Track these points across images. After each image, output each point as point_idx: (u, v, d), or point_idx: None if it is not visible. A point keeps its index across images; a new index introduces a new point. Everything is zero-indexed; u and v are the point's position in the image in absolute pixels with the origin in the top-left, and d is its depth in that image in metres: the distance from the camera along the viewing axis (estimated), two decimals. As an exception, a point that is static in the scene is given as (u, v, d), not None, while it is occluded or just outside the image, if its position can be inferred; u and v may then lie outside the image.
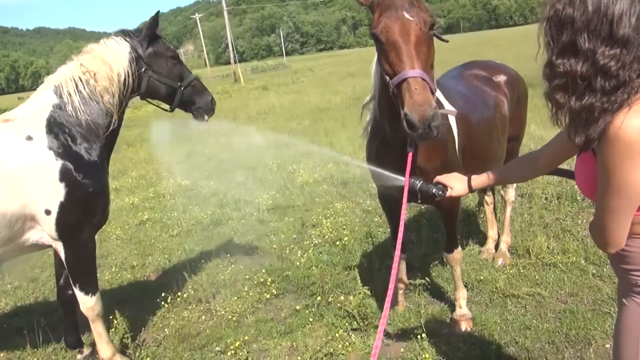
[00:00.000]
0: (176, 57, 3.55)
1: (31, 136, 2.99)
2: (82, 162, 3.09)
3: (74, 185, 3.03)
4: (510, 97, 3.88)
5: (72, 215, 3.06)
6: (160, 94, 3.54)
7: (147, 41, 3.37)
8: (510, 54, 23.88)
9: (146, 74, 3.38)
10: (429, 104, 2.14)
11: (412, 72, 2.19)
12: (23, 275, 5.42)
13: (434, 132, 2.17)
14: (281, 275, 4.58)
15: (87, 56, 3.23)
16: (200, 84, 3.67)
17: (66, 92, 3.11)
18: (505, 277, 4.05)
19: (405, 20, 2.27)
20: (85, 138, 3.15)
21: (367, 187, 6.93)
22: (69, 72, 3.17)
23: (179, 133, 10.99)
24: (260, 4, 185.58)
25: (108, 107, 3.21)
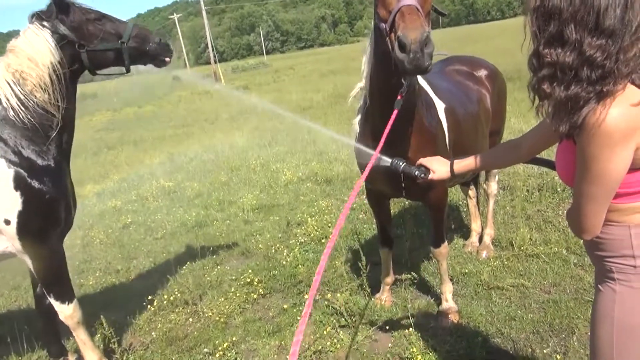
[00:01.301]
0: (101, 16, 3.21)
1: None
2: (36, 167, 2.97)
3: (30, 193, 2.92)
4: (492, 91, 3.94)
5: (33, 223, 2.95)
6: (107, 61, 3.26)
7: (61, 16, 3.06)
8: (488, 49, 24.11)
9: (81, 48, 3.09)
10: (423, 27, 2.10)
11: (406, 1, 2.18)
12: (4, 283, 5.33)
13: (427, 61, 2.11)
14: (268, 275, 4.58)
15: (11, 55, 3.01)
16: (142, 30, 3.33)
17: (4, 97, 2.95)
18: (489, 269, 4.11)
19: None
20: (34, 141, 3.00)
21: (351, 185, 6.95)
22: (0, 77, 3.00)
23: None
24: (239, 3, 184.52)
25: (44, 105, 2.99)
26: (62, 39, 3.03)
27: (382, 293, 3.89)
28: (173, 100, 27.53)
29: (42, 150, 3.03)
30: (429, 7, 2.37)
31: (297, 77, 34.34)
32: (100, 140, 16.30)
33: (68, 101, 3.12)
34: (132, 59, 3.28)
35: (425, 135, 2.99)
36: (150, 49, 3.29)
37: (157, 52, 3.32)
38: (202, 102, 25.97)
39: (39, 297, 3.47)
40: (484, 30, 59.14)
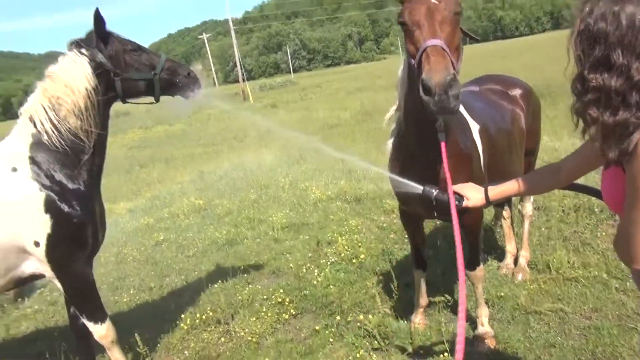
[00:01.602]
0: (137, 48, 3.34)
1: (16, 167, 2.98)
2: (67, 191, 3.03)
3: (59, 216, 2.98)
4: (526, 110, 3.89)
5: (61, 246, 3.01)
6: (139, 90, 3.37)
7: (100, 44, 3.17)
8: (517, 65, 23.87)
9: (116, 77, 3.20)
10: (446, 68, 2.10)
11: (432, 41, 2.19)
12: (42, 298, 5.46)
13: (453, 103, 2.10)
14: (299, 295, 4.57)
15: (49, 81, 3.11)
16: (174, 63, 3.46)
17: (38, 121, 3.04)
18: (526, 292, 4.01)
19: (430, 4, 2.31)
20: (66, 165, 3.08)
21: (381, 204, 6.92)
22: (36, 100, 3.10)
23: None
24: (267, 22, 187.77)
25: (76, 131, 3.08)
26: (98, 67, 3.13)
27: (415, 316, 3.83)
28: (202, 118, 27.98)
29: (73, 174, 3.10)
30: (458, 41, 2.37)
31: (324, 95, 34.58)
32: (133, 158, 16.67)
33: (100, 127, 3.21)
34: (163, 90, 3.40)
35: (459, 156, 2.97)
36: (180, 81, 3.41)
37: (185, 85, 3.43)
38: (230, 120, 26.33)
39: (73, 317, 3.51)
40: (512, 46, 58.64)
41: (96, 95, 3.13)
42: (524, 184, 2.18)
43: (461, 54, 2.43)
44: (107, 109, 3.32)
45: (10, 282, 3.09)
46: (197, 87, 3.47)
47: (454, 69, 2.18)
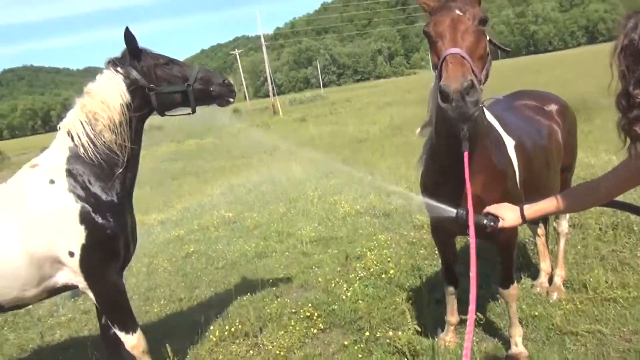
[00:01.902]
0: (169, 61, 3.39)
1: (53, 180, 3.09)
2: (101, 203, 3.12)
3: (93, 227, 3.07)
4: (563, 126, 3.82)
5: (95, 256, 3.09)
6: (174, 103, 3.42)
7: (133, 61, 3.26)
8: (550, 80, 23.46)
9: (150, 91, 3.26)
10: (464, 75, 2.11)
11: (452, 50, 2.22)
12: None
13: (471, 109, 2.12)
14: (327, 310, 4.54)
15: (87, 97, 3.22)
16: (207, 72, 3.45)
17: (76, 135, 3.15)
18: (561, 312, 3.88)
19: (454, 15, 2.35)
20: (101, 178, 3.17)
21: (411, 219, 6.85)
22: (75, 116, 3.21)
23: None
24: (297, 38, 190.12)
25: (111, 145, 3.18)
26: (132, 83, 3.22)
27: (446, 333, 3.76)
28: (232, 132, 28.43)
29: (107, 186, 3.19)
30: (482, 51, 2.37)
31: (353, 109, 34.67)
32: (165, 171, 17.01)
33: (134, 142, 3.29)
34: (198, 100, 3.42)
35: (494, 173, 2.93)
36: (214, 90, 3.41)
37: (220, 93, 3.44)
38: (260, 134, 26.65)
39: (104, 327, 3.56)
40: (545, 60, 57.73)
41: (130, 111, 3.23)
42: (561, 202, 2.13)
43: (487, 64, 2.43)
44: (141, 124, 3.39)
45: (44, 291, 3.17)
46: (232, 95, 3.49)
47: (475, 76, 2.19)
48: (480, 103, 2.18)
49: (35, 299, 3.22)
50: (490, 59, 2.50)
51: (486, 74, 2.44)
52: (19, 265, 2.96)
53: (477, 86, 2.15)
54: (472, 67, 2.19)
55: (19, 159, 38.80)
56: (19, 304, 3.19)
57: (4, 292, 3.01)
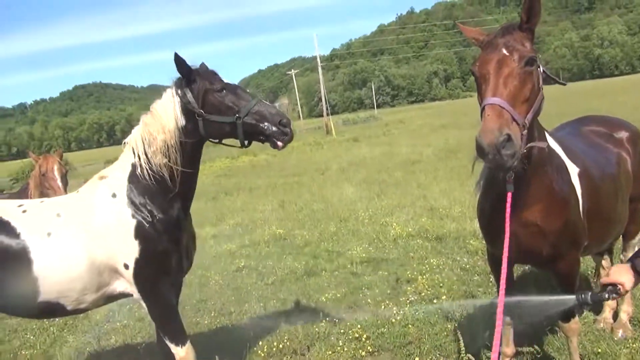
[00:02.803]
0: (224, 88, 3.18)
1: (115, 194, 3.22)
2: (156, 221, 3.20)
3: (147, 242, 3.16)
4: (633, 154, 3.62)
5: (147, 271, 3.18)
6: (222, 133, 3.23)
7: (190, 84, 3.17)
8: (616, 105, 22.43)
9: (199, 117, 3.15)
10: (499, 129, 2.12)
11: (490, 100, 2.22)
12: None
13: (507, 161, 2.13)
14: (376, 332, 4.47)
15: (149, 116, 3.25)
16: (264, 108, 3.15)
17: (136, 153, 3.23)
18: (627, 351, 3.65)
19: (500, 55, 2.33)
20: (157, 195, 3.24)
21: (464, 244, 6.68)
22: (137, 133, 3.26)
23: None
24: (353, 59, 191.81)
25: (160, 168, 3.18)
26: (185, 106, 3.17)
27: None
28: (286, 150, 28.87)
29: (162, 205, 3.25)
30: (528, 93, 2.32)
31: (406, 130, 34.44)
32: (219, 186, 17.44)
33: (189, 165, 3.26)
34: (247, 135, 3.19)
35: (555, 200, 2.82)
36: (267, 128, 3.12)
37: (271, 134, 3.13)
38: (312, 152, 26.90)
39: (160, 335, 3.64)
40: (611, 84, 55.32)
41: (183, 135, 3.21)
42: None
43: (537, 102, 2.39)
44: (198, 148, 3.34)
45: (102, 297, 3.32)
46: (284, 138, 3.14)
47: (517, 123, 2.19)
48: (517, 155, 2.17)
49: (94, 303, 3.36)
50: (542, 94, 2.44)
51: (536, 110, 2.41)
52: (81, 270, 3.11)
53: (515, 139, 2.15)
54: (513, 115, 2.19)
55: (85, 169, 40.98)
56: (80, 307, 3.32)
57: (66, 294, 3.16)
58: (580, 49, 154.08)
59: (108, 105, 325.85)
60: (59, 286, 3.13)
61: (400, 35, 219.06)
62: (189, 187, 3.38)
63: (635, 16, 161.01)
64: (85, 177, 3.07)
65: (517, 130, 2.20)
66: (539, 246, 2.86)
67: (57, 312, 3.35)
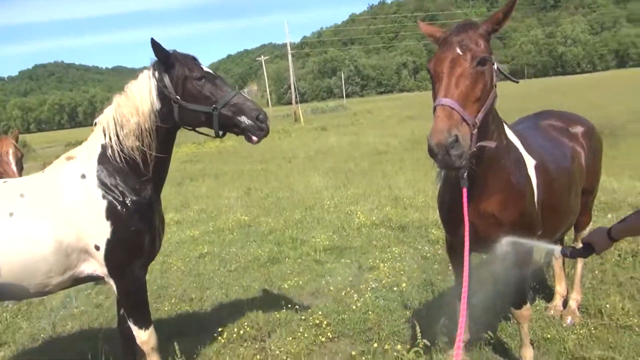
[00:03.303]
0: (203, 76, 3.14)
1: (85, 174, 3.16)
2: (128, 201, 3.16)
3: (119, 224, 3.12)
4: (587, 148, 3.76)
5: (119, 252, 3.15)
6: (197, 122, 3.20)
7: (169, 69, 3.12)
8: (578, 102, 23.13)
9: (175, 103, 3.11)
10: (448, 130, 2.17)
11: (442, 100, 2.27)
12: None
13: (455, 161, 2.19)
14: (337, 318, 4.52)
15: (123, 97, 3.18)
16: (242, 101, 3.14)
17: (107, 134, 3.18)
18: (574, 337, 3.81)
19: (454, 54, 2.37)
20: (128, 177, 3.20)
21: (426, 233, 6.81)
22: (110, 114, 3.20)
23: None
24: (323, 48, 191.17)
25: (132, 152, 3.14)
26: (162, 90, 3.13)
27: (455, 350, 3.70)
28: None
29: (137, 185, 3.22)
30: (480, 93, 2.36)
31: (374, 120, 34.65)
32: (184, 171, 17.19)
33: (162, 150, 3.23)
34: (222, 127, 3.17)
35: (512, 192, 2.91)
36: (242, 122, 3.12)
37: (247, 128, 3.12)
38: (280, 140, 26.79)
39: (122, 318, 3.60)
40: (573, 82, 56.99)
41: (157, 120, 3.17)
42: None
43: (488, 101, 2.43)
44: (172, 133, 3.31)
45: (68, 280, 3.24)
46: (259, 133, 3.13)
47: (467, 124, 2.24)
48: (465, 155, 2.21)
49: (59, 286, 3.28)
50: (494, 92, 2.49)
51: (488, 109, 2.45)
52: (46, 251, 3.04)
53: (462, 140, 2.19)
54: (463, 116, 2.23)
55: (44, 152, 39.70)
56: (44, 290, 3.23)
57: (30, 276, 3.08)
58: (545, 46, 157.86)
59: (70, 86, 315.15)
60: (21, 268, 3.04)
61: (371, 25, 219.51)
62: (161, 171, 3.36)
63: (598, 16, 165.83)
64: (45, 159, 2.96)
65: (467, 131, 2.25)
66: (495, 236, 2.95)
67: (19, 295, 3.26)
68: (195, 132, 3.41)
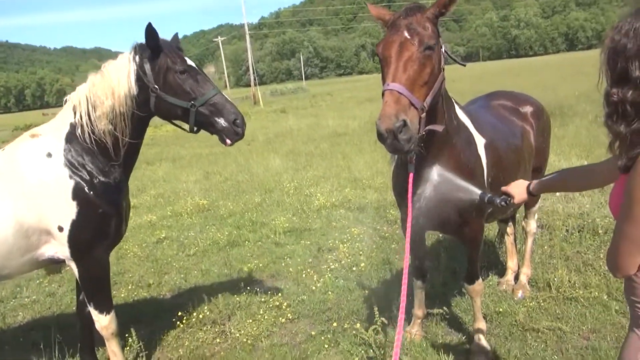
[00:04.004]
0: (186, 70, 3.11)
1: (51, 153, 3.05)
2: (96, 182, 3.08)
3: (86, 204, 3.04)
4: (536, 128, 3.88)
5: (84, 233, 3.06)
6: (172, 115, 3.19)
7: (152, 56, 3.08)
8: (530, 84, 23.82)
9: (153, 92, 3.07)
10: (396, 115, 2.20)
11: (389, 85, 2.28)
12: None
13: (404, 145, 2.23)
14: (297, 300, 4.56)
15: (99, 76, 3.10)
16: (222, 101, 3.13)
17: (79, 113, 3.08)
18: (525, 310, 3.97)
19: (402, 38, 2.38)
20: (99, 158, 3.12)
21: (384, 214, 6.91)
22: (83, 92, 3.11)
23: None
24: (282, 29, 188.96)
25: (104, 135, 3.07)
26: (141, 77, 3.06)
27: (412, 326, 3.81)
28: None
29: (106, 167, 3.14)
30: (427, 77, 2.38)
31: (334, 103, 34.65)
32: (141, 155, 16.44)
33: (135, 137, 3.18)
34: (198, 124, 3.16)
35: (461, 170, 2.96)
36: (218, 122, 3.11)
37: (222, 130, 3.12)
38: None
39: (81, 304, 3.53)
40: (526, 64, 58.57)
41: (133, 106, 3.09)
42: (561, 181, 2.29)
43: (437, 84, 2.46)
44: (146, 120, 3.25)
45: (28, 263, 3.13)
46: (234, 137, 3.13)
47: (415, 108, 2.26)
48: (414, 139, 2.25)
49: (17, 270, 3.17)
50: (442, 76, 2.52)
51: (437, 92, 2.48)
52: (6, 233, 2.93)
53: (411, 124, 2.22)
54: (411, 100, 2.25)
55: (-10, 137, 37.77)
56: (1, 273, 3.11)
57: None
58: (499, 29, 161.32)
59: (16, 67, 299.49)
60: None
61: (329, 6, 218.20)
62: (132, 156, 3.29)
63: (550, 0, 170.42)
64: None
65: (415, 115, 2.27)
66: (446, 214, 3.02)
67: None
68: (168, 123, 3.35)
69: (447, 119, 2.79)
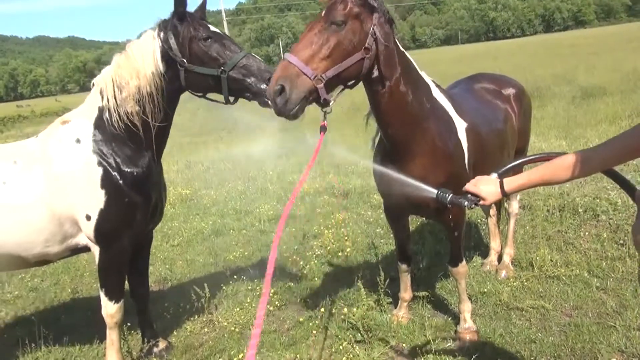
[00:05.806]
0: (209, 36, 2.93)
1: (80, 139, 3.00)
2: (124, 171, 3.02)
3: (114, 193, 2.99)
4: (518, 110, 3.91)
5: (111, 223, 3.02)
6: (205, 86, 3.01)
7: (176, 28, 2.92)
8: (508, 66, 23.99)
9: (181, 67, 2.92)
10: (276, 80, 2.41)
11: (285, 55, 2.46)
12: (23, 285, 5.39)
13: (282, 108, 2.43)
14: (284, 287, 4.57)
15: (123, 57, 2.98)
16: (253, 62, 2.92)
17: (105, 96, 2.98)
18: (508, 289, 4.05)
19: (318, 18, 2.55)
20: (128, 144, 3.04)
21: (368, 199, 6.94)
22: (108, 74, 3.00)
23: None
24: (260, 15, 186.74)
25: (132, 117, 2.96)
26: (166, 52, 2.93)
27: (399, 309, 3.85)
28: (192, 108, 27.76)
29: (135, 154, 3.06)
30: (326, 52, 2.46)
31: (314, 89, 34.45)
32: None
33: (164, 118, 3.07)
34: (232, 91, 2.97)
35: (437, 155, 2.96)
36: (253, 84, 2.89)
37: (259, 92, 2.89)
38: (220, 111, 26.15)
39: (134, 286, 3.65)
40: (504, 47, 58.94)
41: (162, 83, 2.96)
42: (546, 174, 1.97)
43: (347, 61, 2.52)
44: (174, 99, 3.12)
45: (67, 249, 3.15)
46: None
47: (308, 77, 2.40)
48: (292, 104, 2.41)
49: (58, 255, 3.19)
50: (362, 54, 2.55)
51: (347, 68, 2.54)
52: (42, 221, 2.92)
53: (289, 90, 2.38)
54: (302, 70, 2.38)
55: (-38, 130, 36.75)
56: (44, 259, 3.14)
57: (28, 247, 2.97)
58: (477, 11, 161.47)
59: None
60: (17, 238, 2.91)
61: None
62: (161, 137, 3.18)
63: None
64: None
65: (306, 84, 2.40)
66: (425, 198, 3.02)
67: (18, 265, 3.18)
68: (204, 100, 3.21)
69: (417, 102, 2.81)
